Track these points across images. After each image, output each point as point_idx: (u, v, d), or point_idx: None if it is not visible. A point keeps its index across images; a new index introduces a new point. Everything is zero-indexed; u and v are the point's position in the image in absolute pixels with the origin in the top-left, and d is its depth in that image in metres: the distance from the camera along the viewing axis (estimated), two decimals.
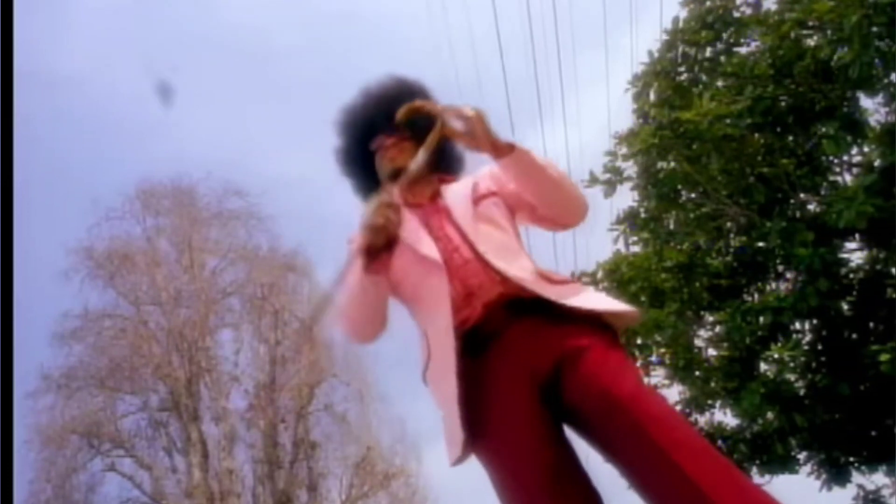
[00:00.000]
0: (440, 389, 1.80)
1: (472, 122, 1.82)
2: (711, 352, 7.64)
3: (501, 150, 1.85)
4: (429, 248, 1.88)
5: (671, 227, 7.58)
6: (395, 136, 2.02)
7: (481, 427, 1.73)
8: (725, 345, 7.36)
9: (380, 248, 1.73)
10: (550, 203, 1.96)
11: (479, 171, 2.07)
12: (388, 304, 1.91)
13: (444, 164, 2.07)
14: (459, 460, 1.78)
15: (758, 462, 7.30)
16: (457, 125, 1.84)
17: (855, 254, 7.26)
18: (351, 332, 1.98)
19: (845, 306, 7.09)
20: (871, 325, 7.00)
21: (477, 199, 1.95)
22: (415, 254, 1.88)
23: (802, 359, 7.07)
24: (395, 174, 1.98)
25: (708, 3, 7.30)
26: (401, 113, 1.92)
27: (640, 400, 1.68)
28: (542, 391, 1.72)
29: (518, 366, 1.73)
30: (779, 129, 6.98)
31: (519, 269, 1.84)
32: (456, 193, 2.00)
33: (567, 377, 1.72)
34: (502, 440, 1.70)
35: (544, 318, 1.78)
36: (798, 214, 7.02)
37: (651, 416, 1.65)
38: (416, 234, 1.91)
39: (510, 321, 1.78)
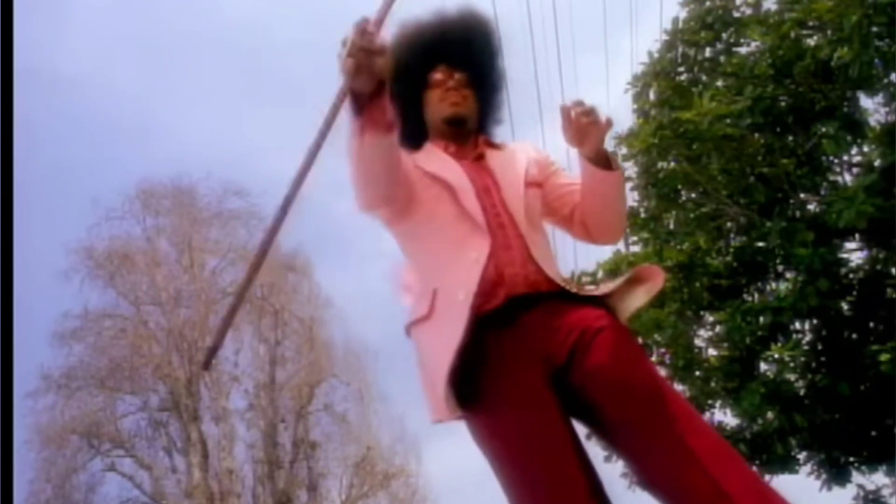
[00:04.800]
0: (436, 353, 1.73)
1: (599, 120, 1.71)
2: (711, 352, 7.64)
3: (603, 160, 1.78)
4: (474, 209, 1.79)
5: (671, 227, 7.58)
6: (458, 78, 1.90)
7: (485, 402, 1.69)
8: (725, 345, 7.36)
9: (365, 94, 1.52)
10: (604, 226, 1.93)
11: (523, 147, 1.99)
12: (398, 170, 1.73)
13: (488, 121, 1.99)
14: (440, 421, 1.73)
15: (758, 462, 7.29)
16: (577, 119, 1.72)
17: (855, 254, 7.27)
18: (365, 200, 1.78)
19: (845, 306, 7.09)
20: (871, 325, 7.00)
21: (526, 184, 1.87)
22: (454, 199, 1.80)
23: (802, 359, 7.07)
24: (456, 120, 1.90)
25: (708, 4, 7.30)
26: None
27: (659, 388, 1.67)
28: (553, 376, 1.69)
29: (533, 347, 1.70)
30: (779, 129, 6.98)
31: (554, 272, 1.81)
32: (506, 166, 1.90)
33: (580, 361, 1.69)
34: (506, 415, 1.67)
35: (561, 303, 1.76)
36: (798, 214, 7.02)
37: (669, 404, 1.64)
38: (459, 181, 1.82)
39: (529, 308, 1.74)
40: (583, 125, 1.72)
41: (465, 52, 1.90)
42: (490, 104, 2.00)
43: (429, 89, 1.92)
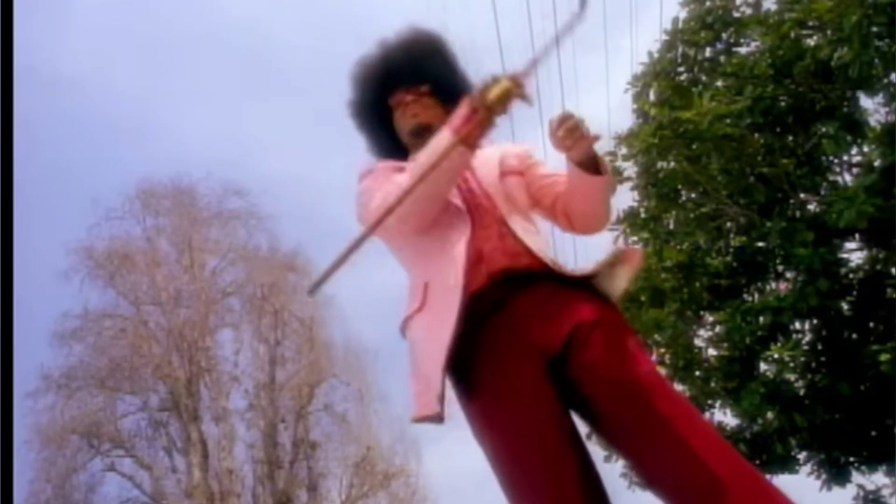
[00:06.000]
0: (427, 343, 1.74)
1: (585, 135, 1.75)
2: (711, 352, 7.64)
3: (592, 164, 1.80)
4: (455, 197, 1.85)
5: (671, 227, 7.58)
6: (415, 92, 1.98)
7: (481, 395, 1.69)
8: (725, 345, 7.36)
9: (487, 125, 1.70)
10: (587, 221, 1.97)
11: (500, 145, 2.05)
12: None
13: None
14: (427, 420, 1.73)
15: (758, 462, 7.29)
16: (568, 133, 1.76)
17: (855, 254, 7.26)
18: (405, 217, 1.79)
19: (845, 306, 7.09)
20: (871, 325, 7.00)
21: (503, 173, 1.93)
22: None
23: (802, 359, 7.06)
24: (419, 130, 1.96)
25: (708, 4, 7.30)
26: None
27: (656, 385, 1.67)
28: (550, 367, 1.69)
29: (528, 336, 1.70)
30: (779, 129, 6.98)
31: (536, 246, 1.83)
32: (482, 158, 1.95)
33: (575, 355, 1.69)
34: (504, 412, 1.67)
35: (553, 288, 1.76)
36: (798, 214, 7.02)
37: (667, 402, 1.64)
38: None
39: (518, 291, 1.75)
40: (567, 144, 1.75)
41: (415, 69, 1.98)
42: (455, 106, 2.04)
43: (394, 112, 2.01)
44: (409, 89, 1.98)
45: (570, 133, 1.73)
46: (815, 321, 7.20)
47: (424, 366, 1.75)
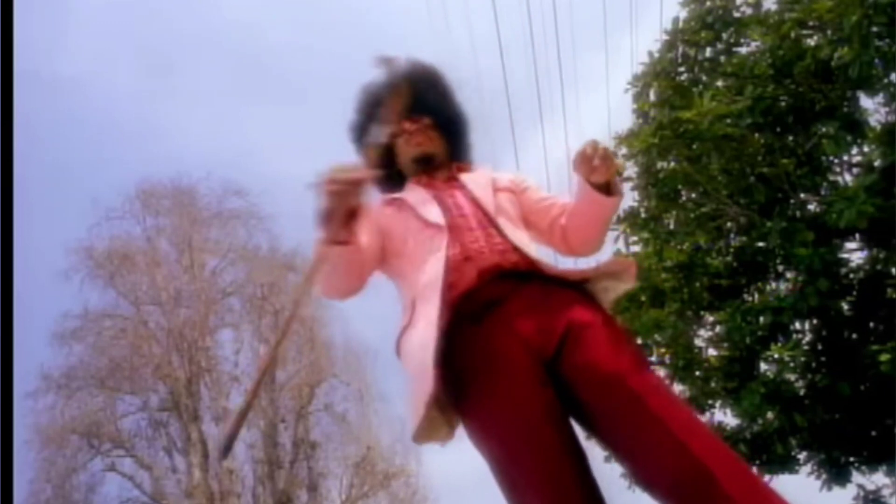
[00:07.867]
0: (416, 352, 1.74)
1: (612, 162, 1.80)
2: (711, 352, 7.63)
3: (601, 185, 1.83)
4: (434, 215, 1.90)
5: (671, 227, 7.58)
6: (418, 122, 2.05)
7: (476, 396, 1.70)
8: (725, 345, 7.35)
9: (338, 216, 1.68)
10: (587, 241, 2.00)
11: (491, 169, 2.11)
12: (365, 267, 1.88)
13: (459, 153, 2.11)
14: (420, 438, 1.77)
15: (758, 462, 7.29)
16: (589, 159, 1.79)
17: (855, 254, 7.26)
18: (327, 294, 1.93)
19: (845, 306, 7.08)
20: (871, 325, 6.99)
21: (496, 190, 1.99)
22: (419, 219, 1.91)
23: (802, 359, 7.05)
24: (423, 159, 2.04)
25: (708, 4, 7.30)
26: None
27: (652, 385, 1.67)
28: (545, 368, 1.70)
29: (521, 340, 1.71)
30: (779, 129, 6.97)
31: (525, 245, 1.86)
32: (475, 177, 2.04)
33: (567, 356, 1.70)
34: (500, 413, 1.67)
35: (544, 289, 1.78)
36: (798, 214, 7.02)
37: (664, 401, 1.64)
38: (422, 203, 1.94)
39: (510, 290, 1.77)
40: (602, 171, 1.79)
41: (416, 100, 2.03)
42: (454, 137, 2.12)
43: (396, 139, 2.06)
44: (410, 119, 2.03)
45: (605, 161, 1.77)
46: (815, 321, 7.19)
47: (413, 381, 1.75)
